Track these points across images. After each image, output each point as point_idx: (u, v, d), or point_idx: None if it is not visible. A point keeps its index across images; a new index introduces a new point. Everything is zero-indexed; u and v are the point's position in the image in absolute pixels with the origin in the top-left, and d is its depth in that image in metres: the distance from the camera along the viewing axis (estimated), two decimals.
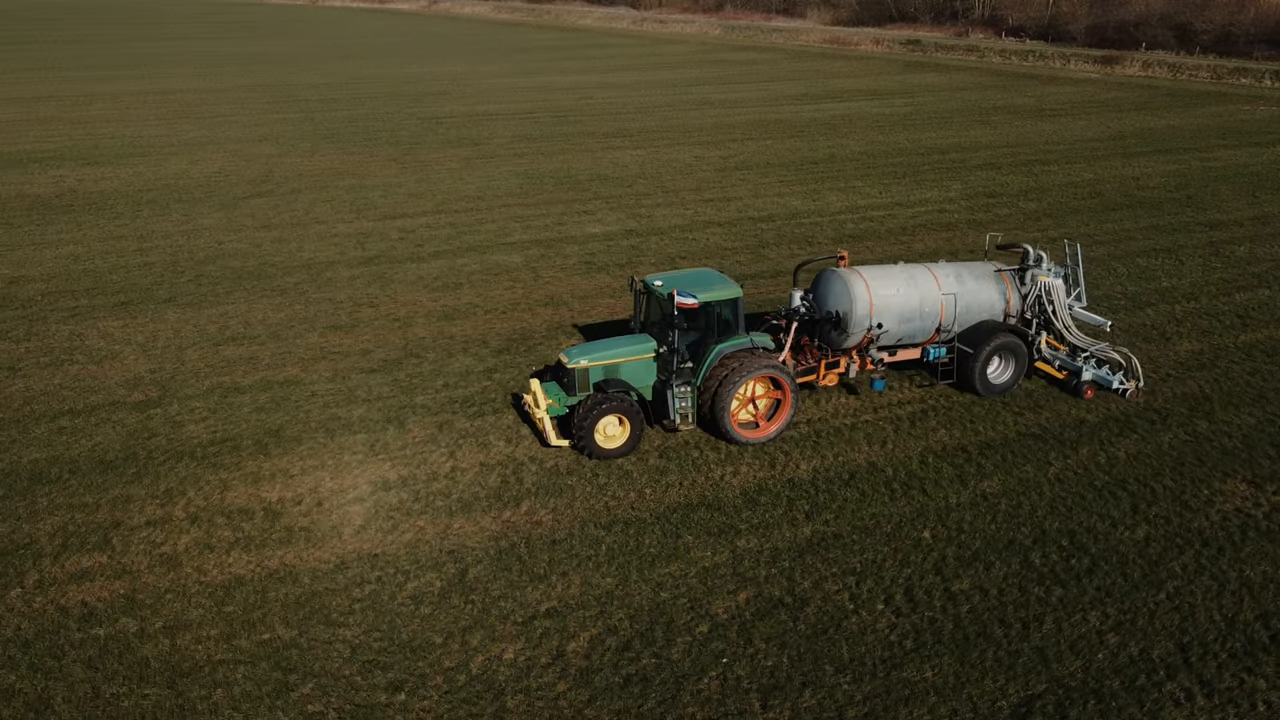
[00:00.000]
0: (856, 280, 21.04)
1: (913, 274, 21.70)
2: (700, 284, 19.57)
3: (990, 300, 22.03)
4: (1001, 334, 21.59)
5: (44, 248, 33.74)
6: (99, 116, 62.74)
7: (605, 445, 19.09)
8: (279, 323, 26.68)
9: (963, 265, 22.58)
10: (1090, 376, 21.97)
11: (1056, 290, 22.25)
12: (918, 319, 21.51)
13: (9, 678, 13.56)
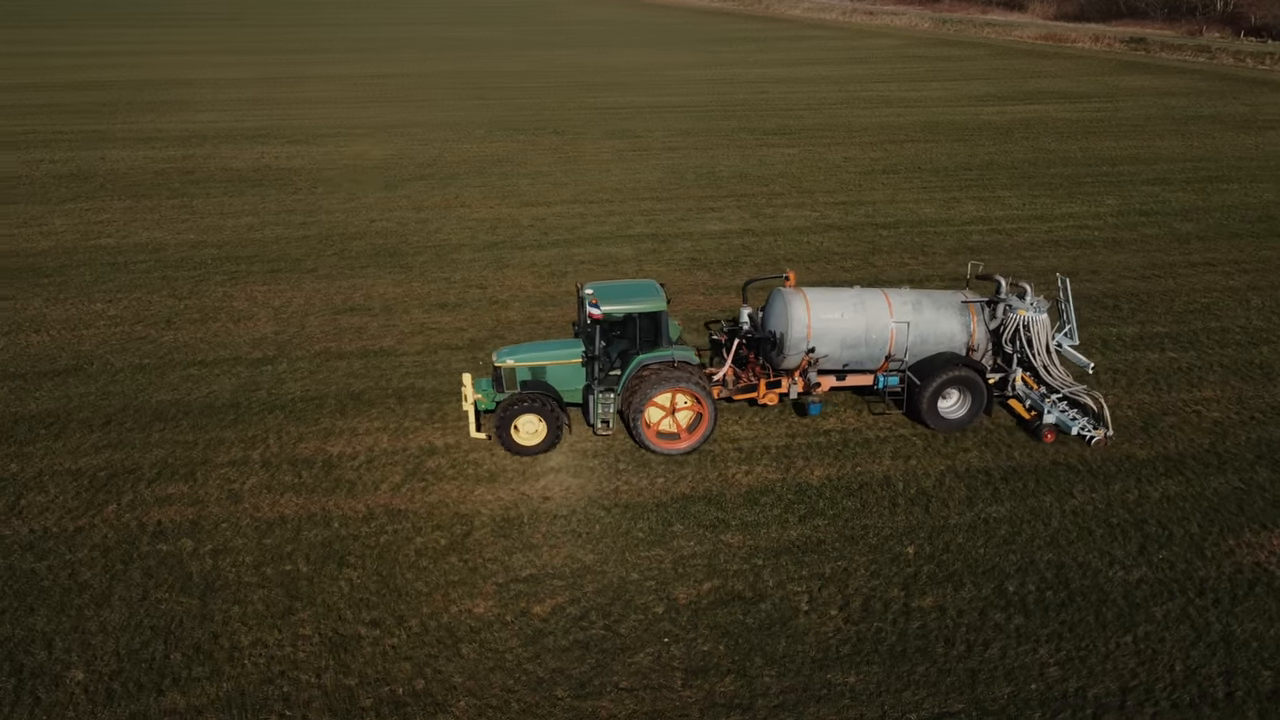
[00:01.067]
0: (797, 302, 20.93)
1: (864, 299, 21.30)
2: (628, 294, 19.89)
3: (950, 331, 21.30)
4: (954, 368, 20.80)
5: (228, 217, 38.45)
6: (312, 98, 69.31)
7: (522, 442, 20.07)
8: (394, 298, 29.57)
9: (926, 294, 21.92)
10: (1052, 420, 20.98)
11: (1037, 326, 21.24)
12: (863, 346, 21.16)
13: (85, 573, 16.61)
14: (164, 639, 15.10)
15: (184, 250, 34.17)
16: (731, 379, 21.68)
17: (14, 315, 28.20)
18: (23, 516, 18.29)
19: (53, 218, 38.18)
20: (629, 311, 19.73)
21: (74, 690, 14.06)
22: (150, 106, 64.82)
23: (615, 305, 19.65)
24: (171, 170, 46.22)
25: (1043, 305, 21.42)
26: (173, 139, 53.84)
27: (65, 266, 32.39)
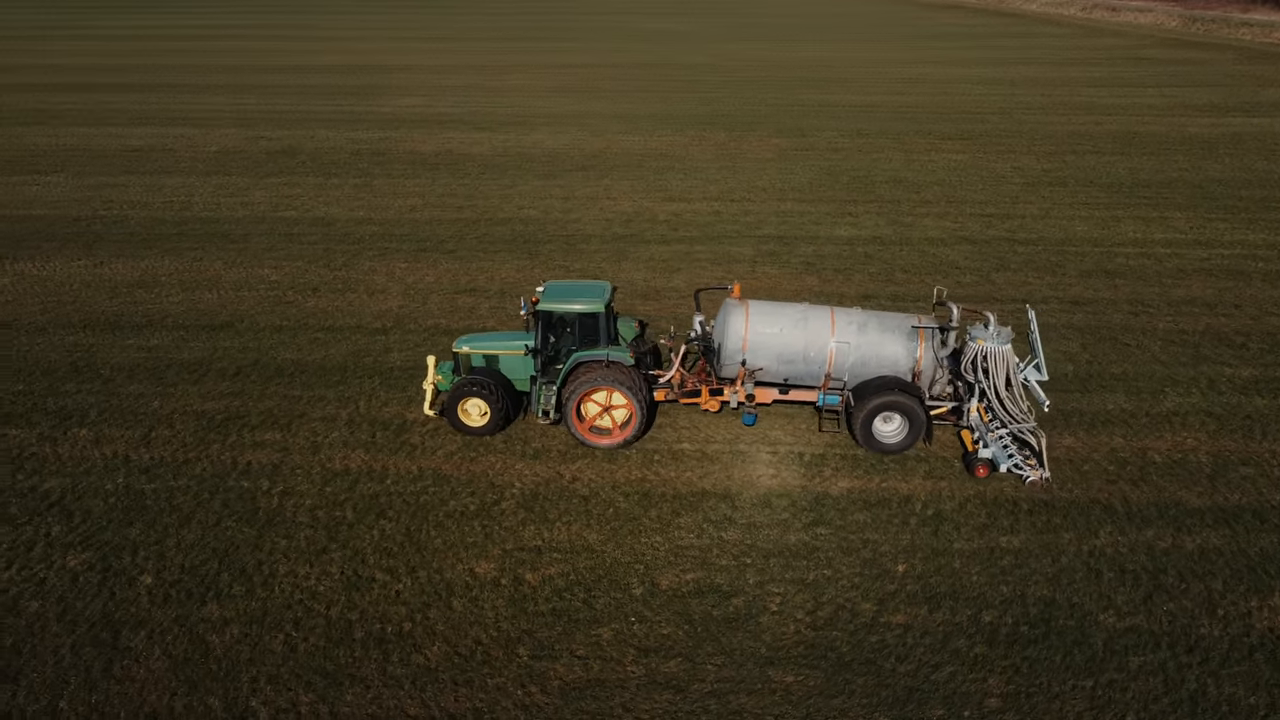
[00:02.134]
0: (737, 314, 21.18)
1: (807, 316, 21.24)
2: (573, 294, 21.10)
3: (893, 355, 21.03)
4: (888, 392, 20.54)
5: (398, 197, 42.29)
6: (508, 87, 73.62)
7: (468, 423, 21.78)
8: (512, 282, 31.94)
9: (875, 315, 21.57)
10: (988, 454, 20.38)
11: (996, 357, 20.38)
12: (801, 362, 21.17)
13: (179, 498, 19.78)
14: (219, 560, 17.90)
15: (350, 226, 38.07)
16: (678, 383, 22.25)
17: (196, 274, 32.72)
18: (149, 446, 21.81)
19: (254, 190, 43.36)
20: (566, 311, 20.98)
21: (140, 591, 17.04)
22: (364, 90, 71.08)
23: (554, 303, 20.95)
24: (365, 152, 51.01)
25: (1006, 336, 20.60)
26: (375, 122, 59.12)
27: (250, 234, 36.97)
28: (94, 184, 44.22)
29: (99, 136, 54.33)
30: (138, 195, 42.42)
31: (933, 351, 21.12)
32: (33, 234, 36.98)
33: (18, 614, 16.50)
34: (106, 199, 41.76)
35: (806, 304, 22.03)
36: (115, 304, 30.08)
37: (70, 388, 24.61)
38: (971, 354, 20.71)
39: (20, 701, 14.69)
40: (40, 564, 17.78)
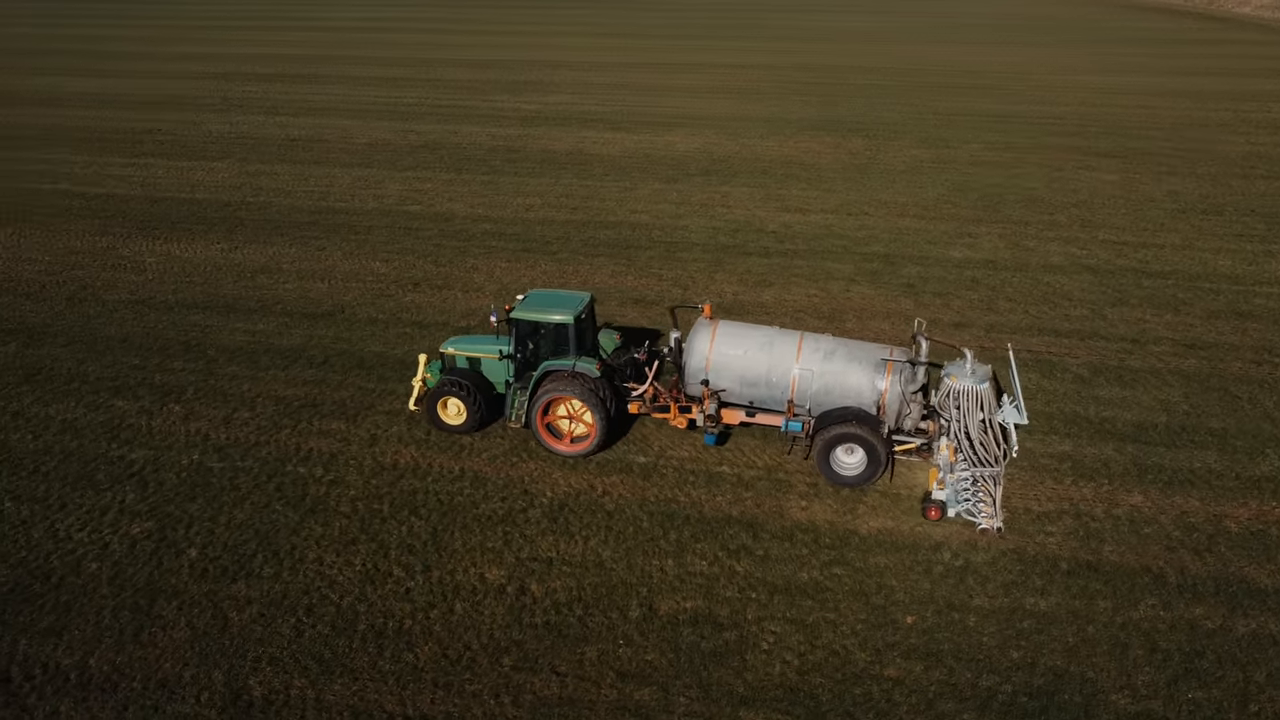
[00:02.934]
0: (703, 334, 21.33)
1: (774, 341, 21.04)
2: (548, 304, 21.85)
3: (857, 387, 20.52)
4: (848, 424, 20.08)
5: (518, 196, 43.59)
6: (657, 85, 74.20)
7: (447, 420, 22.82)
8: (602, 288, 32.42)
9: (846, 344, 21.13)
10: (940, 496, 19.57)
11: (969, 397, 19.31)
12: (764, 386, 21.03)
13: (240, 479, 21.31)
14: (259, 541, 19.20)
15: (467, 223, 39.56)
16: (650, 397, 22.25)
17: (314, 263, 34.88)
18: (228, 426, 23.57)
19: (389, 183, 45.68)
20: (537, 320, 21.68)
21: (184, 563, 18.53)
22: (518, 86, 73.32)
23: (527, 312, 21.73)
24: (500, 149, 52.76)
25: (982, 375, 19.59)
26: (518, 119, 60.98)
27: (373, 227, 39.04)
28: (252, 171, 47.70)
29: (267, 125, 58.46)
30: (285, 183, 45.47)
31: (899, 385, 20.35)
32: (188, 216, 40.31)
33: (78, 574, 18.25)
34: (257, 186, 44.98)
35: (778, 329, 21.77)
36: (237, 288, 32.47)
37: (178, 365, 26.81)
38: (945, 391, 19.83)
39: (58, 655, 16.29)
40: (109, 529, 19.58)
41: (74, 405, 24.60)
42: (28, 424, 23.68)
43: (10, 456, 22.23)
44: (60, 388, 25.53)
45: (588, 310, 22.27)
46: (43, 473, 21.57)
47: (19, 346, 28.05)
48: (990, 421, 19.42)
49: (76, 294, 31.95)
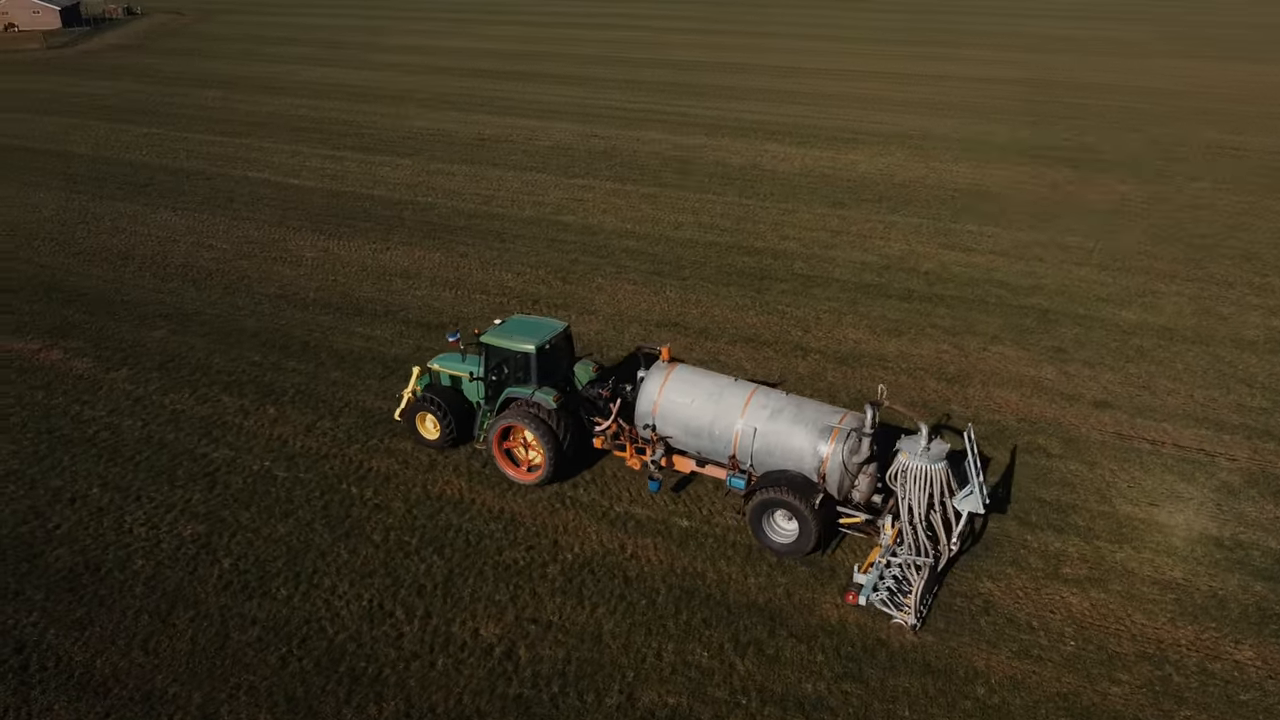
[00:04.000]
0: (655, 378, 20.80)
1: (723, 392, 20.15)
2: (516, 332, 21.79)
3: (799, 450, 19.25)
4: (777, 488, 18.97)
5: (673, 212, 42.81)
6: (865, 96, 71.00)
7: (424, 434, 23.44)
8: (722, 322, 31.15)
9: (797, 404, 19.80)
10: (860, 580, 18.09)
11: (916, 476, 18.15)
12: (706, 439, 20.28)
13: (296, 492, 21.97)
14: (287, 559, 19.71)
15: (610, 238, 39.27)
16: (612, 434, 21.63)
17: (450, 271, 35.73)
18: (308, 435, 24.44)
19: (554, 190, 46.22)
20: (502, 347, 21.72)
21: (214, 572, 19.30)
22: (709, 91, 72.38)
23: (495, 339, 21.81)
24: (675, 159, 52.18)
25: (937, 454, 18.20)
26: (704, 126, 60.15)
27: (521, 236, 39.56)
28: (432, 169, 49.71)
29: (463, 123, 60.82)
30: (458, 185, 47.02)
31: (842, 454, 18.82)
32: (358, 213, 42.49)
33: (123, 570, 19.41)
34: (431, 186, 46.79)
35: (734, 379, 20.68)
36: (372, 290, 33.78)
37: (290, 365, 28.16)
38: (895, 466, 18.47)
39: (74, 650, 17.35)
40: (166, 528, 20.73)
41: (187, 396, 26.34)
42: (143, 411, 25.56)
43: (116, 443, 24.04)
44: (184, 377, 27.42)
45: (559, 341, 22.08)
46: (135, 462, 23.18)
47: (167, 332, 30.42)
48: (940, 505, 18.12)
49: (234, 284, 34.32)
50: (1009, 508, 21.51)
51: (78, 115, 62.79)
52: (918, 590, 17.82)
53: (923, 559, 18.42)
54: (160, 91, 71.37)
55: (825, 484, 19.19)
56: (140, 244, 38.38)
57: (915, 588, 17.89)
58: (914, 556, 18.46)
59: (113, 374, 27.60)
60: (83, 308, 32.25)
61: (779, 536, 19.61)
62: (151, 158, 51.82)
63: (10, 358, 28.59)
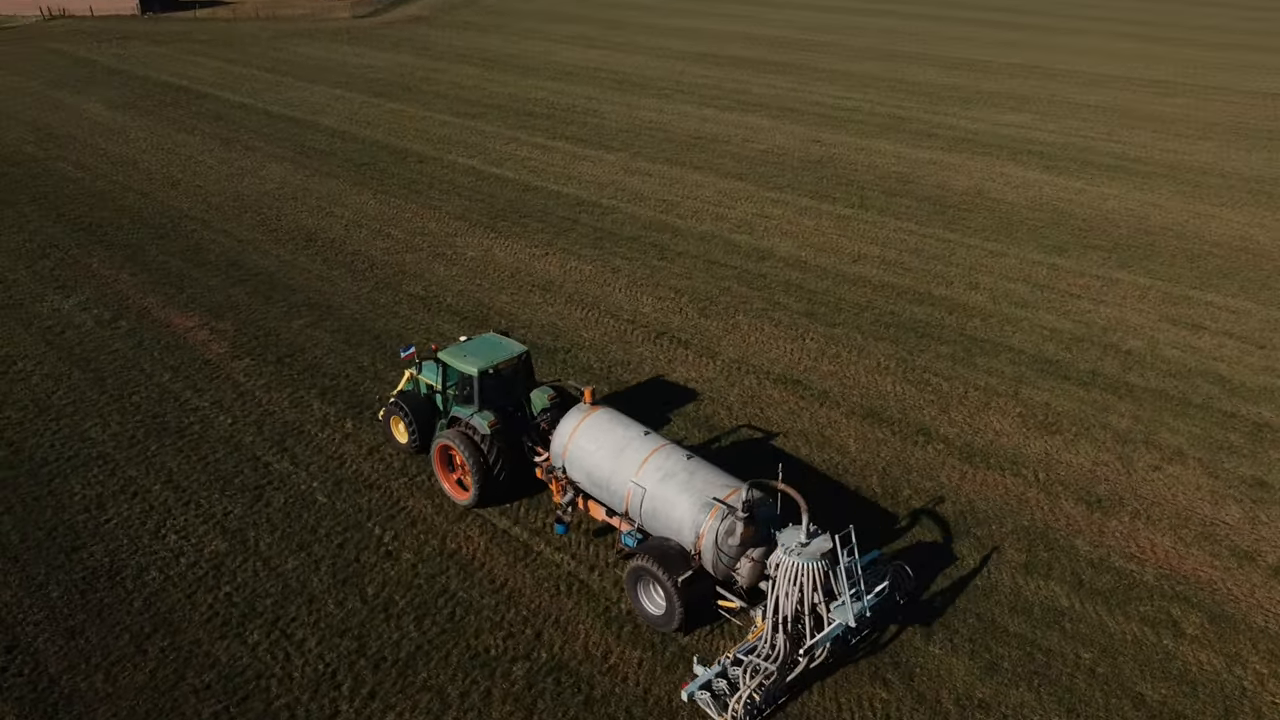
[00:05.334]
0: (570, 422, 20.36)
1: (628, 446, 19.29)
2: (470, 353, 21.53)
3: (679, 522, 18.13)
4: (645, 559, 18.04)
5: (858, 242, 38.98)
6: (1151, 114, 61.66)
7: (397, 437, 24.00)
8: (846, 385, 27.71)
9: (693, 469, 18.52)
10: (699, 671, 16.87)
11: (787, 571, 16.78)
12: (605, 491, 19.63)
13: (329, 522, 21.69)
14: (277, 598, 19.38)
15: (776, 266, 36.29)
16: (546, 468, 21.04)
17: (593, 287, 34.41)
18: (368, 459, 24.14)
19: (744, 203, 43.62)
20: (452, 366, 21.58)
21: (209, 600, 19.33)
22: (976, 97, 65.69)
23: (449, 356, 21.64)
24: (894, 176, 47.66)
25: (816, 550, 16.74)
26: (946, 139, 54.62)
27: (684, 254, 37.50)
28: (632, 168, 48.62)
29: (687, 118, 59.18)
30: (650, 188, 45.58)
31: (716, 533, 17.46)
32: (536, 212, 42.22)
33: (135, 581, 19.93)
34: (622, 187, 45.70)
35: (644, 432, 19.57)
36: (507, 301, 33.23)
37: (390, 377, 28.13)
38: (773, 556, 17.08)
39: (53, 660, 17.92)
40: (194, 540, 21.13)
41: (284, 397, 26.98)
42: (239, 407, 26.46)
43: (200, 438, 25.00)
44: (292, 375, 28.16)
45: (511, 366, 21.74)
46: (206, 462, 23.95)
47: (305, 324, 31.48)
48: (808, 607, 16.62)
49: (387, 279, 35.04)
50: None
51: (343, 87, 67.59)
52: (742, 696, 16.01)
53: (768, 664, 16.43)
54: (425, 67, 75.41)
55: (701, 561, 17.86)
56: (329, 227, 40.25)
57: (742, 693, 16.04)
58: (759, 660, 16.67)
59: (236, 363, 28.84)
60: (250, 288, 34.15)
61: (651, 606, 18.56)
62: (382, 135, 54.56)
63: (166, 333, 30.69)
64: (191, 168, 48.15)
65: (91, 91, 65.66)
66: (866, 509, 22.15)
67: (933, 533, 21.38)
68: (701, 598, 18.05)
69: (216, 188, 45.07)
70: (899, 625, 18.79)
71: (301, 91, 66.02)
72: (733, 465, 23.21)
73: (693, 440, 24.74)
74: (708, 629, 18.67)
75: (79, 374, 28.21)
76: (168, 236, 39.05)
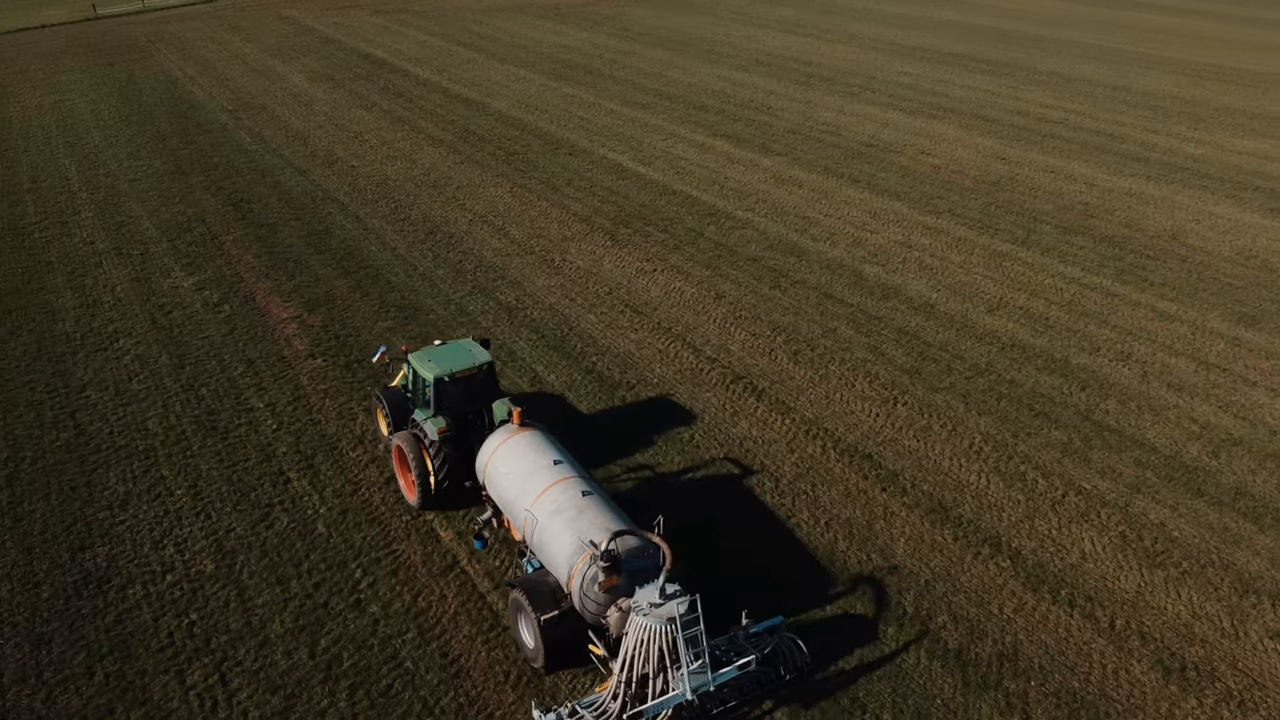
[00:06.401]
0: (494, 440, 20.40)
1: (535, 474, 19.03)
2: (434, 358, 21.92)
3: (556, 558, 17.74)
4: (520, 590, 17.85)
5: (1008, 286, 34.43)
6: None
7: (381, 428, 24.66)
8: (929, 471, 24.26)
9: (585, 507, 17.99)
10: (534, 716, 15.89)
11: (636, 630, 15.93)
12: (510, 514, 19.51)
13: (318, 559, 21.16)
14: (232, 639, 18.99)
15: (887, 307, 32.60)
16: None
17: (686, 315, 32.21)
18: (384, 489, 23.43)
19: (891, 226, 39.74)
20: (414, 368, 22.11)
21: (169, 627, 19.22)
22: (1217, 117, 57.10)
23: (414, 358, 22.14)
24: (1075, 208, 41.96)
25: (668, 611, 15.99)
26: (1160, 166, 47.64)
27: (800, 284, 34.49)
28: (784, 177, 45.55)
29: (867, 120, 54.98)
30: (794, 202, 42.50)
31: (582, 577, 16.94)
32: (664, 219, 40.28)
33: (119, 592, 20.16)
34: (764, 198, 42.84)
35: (556, 461, 19.17)
36: (595, 322, 31.67)
37: None
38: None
39: (7, 671, 18.32)
40: (190, 556, 21.17)
41: (335, 407, 26.81)
42: (290, 413, 26.51)
43: (242, 442, 25.21)
44: (354, 383, 27.97)
45: (471, 375, 21.72)
46: (235, 470, 24.08)
47: (388, 326, 31.33)
48: (654, 670, 15.89)
49: (485, 285, 34.36)
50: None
51: (528, 67, 67.82)
52: None
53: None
54: (615, 49, 74.52)
55: (572, 602, 17.34)
56: (453, 220, 40.11)
57: None
58: (592, 716, 16.11)
59: (308, 363, 29.02)
60: (353, 282, 34.47)
61: (527, 639, 18.21)
62: (545, 123, 54.10)
63: (260, 323, 31.42)
64: (353, 146, 49.60)
65: (299, 61, 69.44)
66: (878, 633, 19.07)
67: (951, 681, 18.05)
68: (571, 639, 17.54)
69: (367, 170, 46.12)
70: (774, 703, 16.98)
71: (487, 70, 66.87)
72: (737, 550, 20.75)
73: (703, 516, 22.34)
74: (581, 672, 17.00)
75: (165, 358, 29.28)
76: (303, 218, 40.21)
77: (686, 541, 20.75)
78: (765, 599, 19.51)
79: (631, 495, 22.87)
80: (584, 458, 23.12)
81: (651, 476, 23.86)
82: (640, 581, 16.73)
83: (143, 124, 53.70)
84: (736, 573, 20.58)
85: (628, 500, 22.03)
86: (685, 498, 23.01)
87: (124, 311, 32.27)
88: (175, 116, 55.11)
